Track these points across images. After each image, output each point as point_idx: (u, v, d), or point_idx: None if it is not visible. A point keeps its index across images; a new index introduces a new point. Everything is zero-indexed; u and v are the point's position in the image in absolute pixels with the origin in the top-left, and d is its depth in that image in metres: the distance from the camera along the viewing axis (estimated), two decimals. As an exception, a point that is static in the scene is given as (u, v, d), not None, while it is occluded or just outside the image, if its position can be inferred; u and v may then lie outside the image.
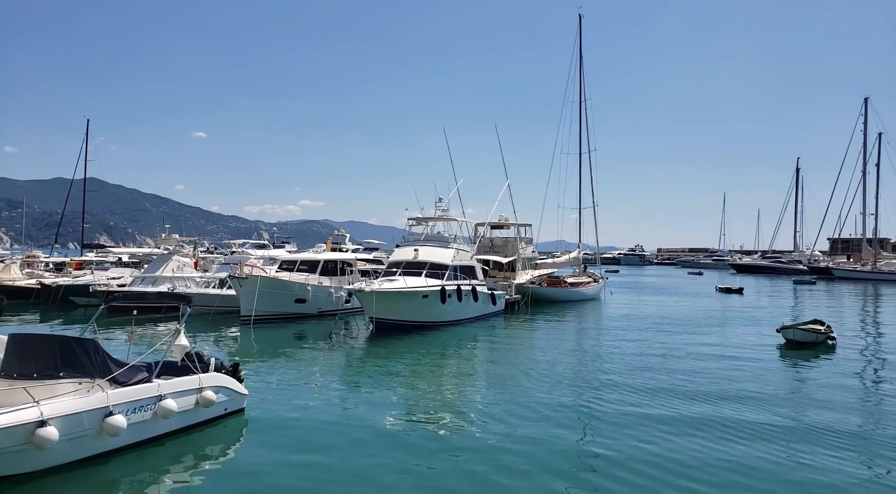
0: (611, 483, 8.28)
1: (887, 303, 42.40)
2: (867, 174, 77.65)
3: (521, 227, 39.46)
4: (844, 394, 13.78)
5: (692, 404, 12.44)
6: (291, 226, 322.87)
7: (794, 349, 19.85)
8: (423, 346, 19.81)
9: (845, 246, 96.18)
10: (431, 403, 12.72)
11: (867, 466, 9.06)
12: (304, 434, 10.28)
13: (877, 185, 78.03)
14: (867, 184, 77.75)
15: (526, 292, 32.77)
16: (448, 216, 30.68)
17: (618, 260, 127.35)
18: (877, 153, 77.51)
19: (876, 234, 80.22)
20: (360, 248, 48.48)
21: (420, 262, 25.23)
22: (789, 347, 20.13)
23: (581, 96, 46.29)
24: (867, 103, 77.60)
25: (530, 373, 15.73)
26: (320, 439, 10.02)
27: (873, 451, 9.74)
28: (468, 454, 9.38)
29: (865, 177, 77.74)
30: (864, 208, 78.48)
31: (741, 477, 8.47)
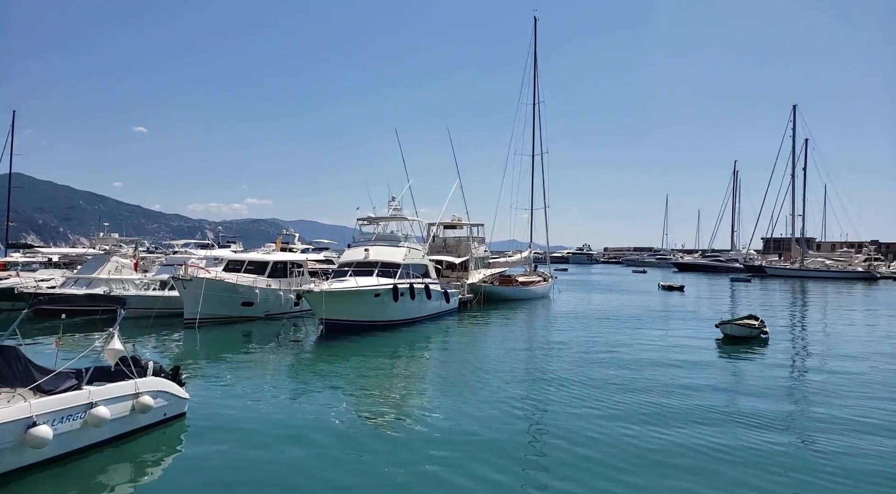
0: (557, 476, 8.42)
1: (813, 299, 44.82)
2: (795, 178, 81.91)
3: (474, 227, 39.72)
4: (775, 385, 14.49)
5: (636, 397, 12.79)
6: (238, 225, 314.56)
7: (731, 343, 20.70)
8: (374, 346, 19.65)
9: (777, 245, 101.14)
10: (382, 402, 12.63)
11: (794, 449, 9.53)
12: (249, 436, 10.04)
13: (804, 188, 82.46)
14: (795, 187, 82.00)
15: (478, 291, 33.00)
16: (400, 216, 30.52)
17: (567, 259, 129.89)
18: (804, 158, 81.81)
19: (803, 234, 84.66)
20: (310, 248, 47.68)
21: (371, 261, 25.00)
22: (727, 341, 20.96)
23: (535, 99, 46.93)
24: (795, 110, 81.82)
25: (481, 371, 15.83)
26: (266, 441, 9.81)
27: (798, 436, 10.28)
28: (418, 451, 9.36)
29: (794, 180, 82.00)
30: (793, 209, 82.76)
31: (684, 461, 8.76)
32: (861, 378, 15.35)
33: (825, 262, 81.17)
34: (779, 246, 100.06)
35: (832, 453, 9.50)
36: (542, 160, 46.82)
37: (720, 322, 22.38)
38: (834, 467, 8.88)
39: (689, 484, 8.18)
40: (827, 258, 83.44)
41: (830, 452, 9.53)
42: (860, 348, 20.58)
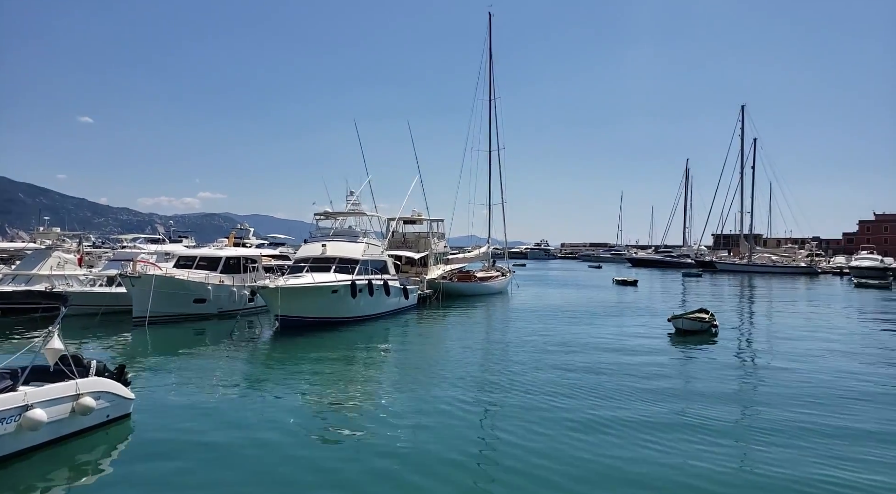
0: (508, 474, 8.40)
1: (759, 293, 46.53)
2: (744, 176, 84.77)
3: (434, 222, 39.63)
4: (724, 376, 14.91)
5: (591, 392, 12.95)
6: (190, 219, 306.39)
7: (683, 336, 21.24)
8: (331, 343, 19.35)
9: (726, 241, 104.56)
10: (337, 400, 12.42)
11: (740, 440, 9.81)
12: (197, 437, 9.71)
13: (752, 186, 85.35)
14: (744, 185, 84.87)
15: (437, 286, 32.94)
16: (359, 211, 30.14)
17: (525, 254, 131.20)
18: (752, 157, 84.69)
19: (751, 230, 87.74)
20: (265, 243, 46.75)
21: (329, 257, 24.61)
22: (679, 334, 21.49)
23: (491, 95, 47.01)
24: (744, 111, 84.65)
25: (438, 368, 15.76)
26: (216, 442, 9.50)
27: (746, 426, 10.60)
28: (373, 449, 9.22)
29: (743, 179, 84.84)
30: (741, 207, 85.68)
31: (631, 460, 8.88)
32: (803, 370, 15.93)
33: (771, 257, 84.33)
34: (728, 242, 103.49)
35: (778, 450, 9.77)
36: (499, 156, 47.05)
37: (672, 316, 22.93)
38: (780, 464, 9.14)
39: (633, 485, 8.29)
40: (773, 254, 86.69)
41: (776, 447, 9.81)
42: (802, 340, 21.39)
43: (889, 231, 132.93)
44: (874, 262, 73.90)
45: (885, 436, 10.12)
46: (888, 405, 12.29)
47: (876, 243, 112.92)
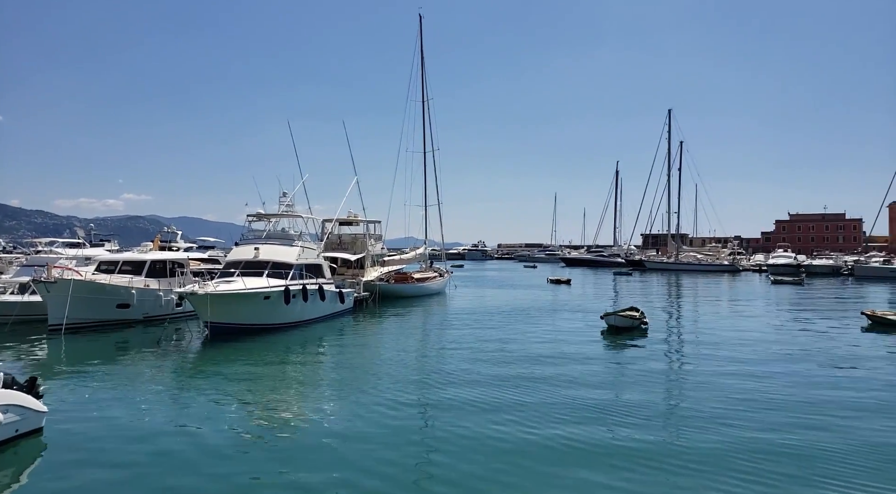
0: (446, 476, 8.41)
1: (686, 290, 48.71)
2: (671, 178, 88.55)
3: (370, 223, 39.25)
4: (654, 371, 15.50)
5: (526, 391, 13.15)
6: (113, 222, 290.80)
7: (615, 333, 21.92)
8: (264, 350, 18.81)
9: (655, 241, 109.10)
10: (269, 410, 12.07)
11: (666, 430, 10.21)
12: (114, 453, 9.21)
13: (679, 187, 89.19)
14: (671, 186, 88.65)
15: (374, 289, 32.64)
16: (293, 213, 29.47)
17: (463, 256, 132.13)
18: (679, 159, 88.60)
19: (678, 230, 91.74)
20: (193, 246, 44.97)
21: (261, 261, 23.93)
22: (611, 332, 22.17)
23: (424, 96, 47.07)
24: (671, 114, 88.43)
25: (374, 372, 15.61)
26: (134, 457, 9.03)
27: (673, 418, 11.04)
28: (305, 460, 9.00)
29: (670, 180, 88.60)
30: (668, 207, 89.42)
31: (566, 454, 9.08)
32: (728, 363, 16.76)
33: (696, 256, 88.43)
34: (656, 242, 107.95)
35: (703, 439, 10.22)
36: (434, 157, 47.20)
37: (605, 314, 23.64)
38: (703, 453, 9.55)
39: (569, 477, 8.47)
40: (698, 253, 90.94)
41: (701, 439, 10.26)
42: (726, 335, 22.52)
43: (802, 230, 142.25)
44: (789, 259, 78.91)
45: (800, 423, 10.76)
46: (801, 393, 13.09)
47: (791, 242, 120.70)
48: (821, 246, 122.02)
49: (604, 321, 23.13)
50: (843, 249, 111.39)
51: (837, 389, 13.59)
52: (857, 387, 13.77)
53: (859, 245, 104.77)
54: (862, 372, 15.53)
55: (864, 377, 14.90)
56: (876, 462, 8.81)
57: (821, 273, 73.09)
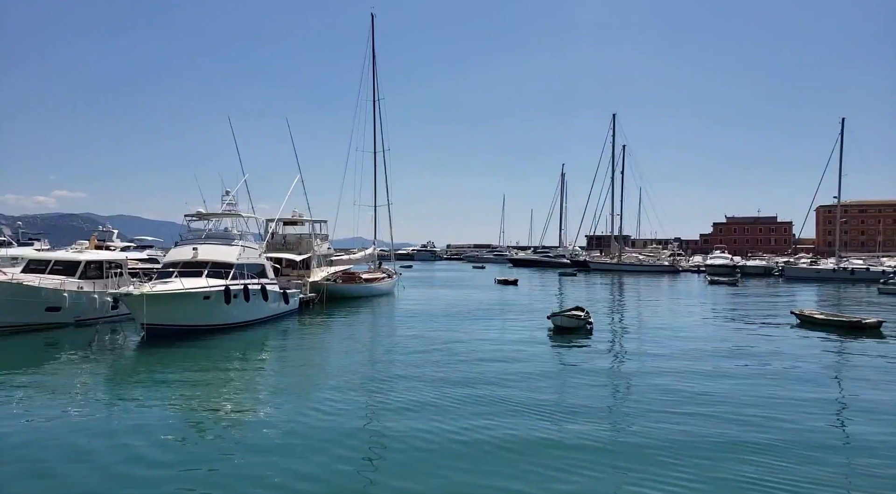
0: (391, 476, 8.31)
1: (629, 290, 50.12)
2: (615, 181, 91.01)
3: (316, 223, 38.63)
4: (598, 369, 15.81)
5: (473, 392, 13.15)
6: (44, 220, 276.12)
7: (561, 333, 22.27)
8: (204, 352, 18.17)
9: (599, 242, 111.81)
10: (210, 415, 11.63)
11: (612, 426, 10.42)
12: (42, 462, 8.65)
13: (621, 189, 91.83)
14: (615, 189, 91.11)
15: (321, 289, 32.13)
16: (235, 212, 28.67)
17: (412, 256, 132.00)
18: (622, 163, 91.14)
19: (621, 231, 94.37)
20: (131, 246, 43.14)
21: (201, 261, 23.16)
22: (557, 332, 22.51)
23: (374, 95, 46.76)
24: (615, 119, 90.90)
25: (319, 374, 15.34)
26: (64, 466, 8.52)
27: (616, 414, 11.27)
28: (249, 467, 8.71)
29: (613, 183, 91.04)
30: (612, 209, 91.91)
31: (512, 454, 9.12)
32: (668, 361, 17.27)
33: (638, 257, 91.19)
34: (600, 243, 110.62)
35: (646, 434, 10.47)
36: (384, 157, 46.95)
37: (551, 314, 24.00)
38: (647, 446, 9.78)
39: (514, 476, 8.51)
40: (640, 254, 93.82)
41: (645, 434, 10.51)
42: (667, 334, 23.24)
43: (738, 232, 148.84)
44: (725, 260, 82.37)
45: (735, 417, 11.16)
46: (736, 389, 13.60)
47: (727, 244, 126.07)
48: (755, 248, 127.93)
49: (550, 321, 23.47)
50: (774, 250, 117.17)
51: (770, 385, 14.18)
52: (787, 382, 14.43)
53: (789, 247, 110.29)
54: (791, 368, 16.28)
55: (792, 373, 15.62)
56: (802, 448, 9.23)
57: (754, 274, 76.60)
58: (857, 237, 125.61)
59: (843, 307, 34.46)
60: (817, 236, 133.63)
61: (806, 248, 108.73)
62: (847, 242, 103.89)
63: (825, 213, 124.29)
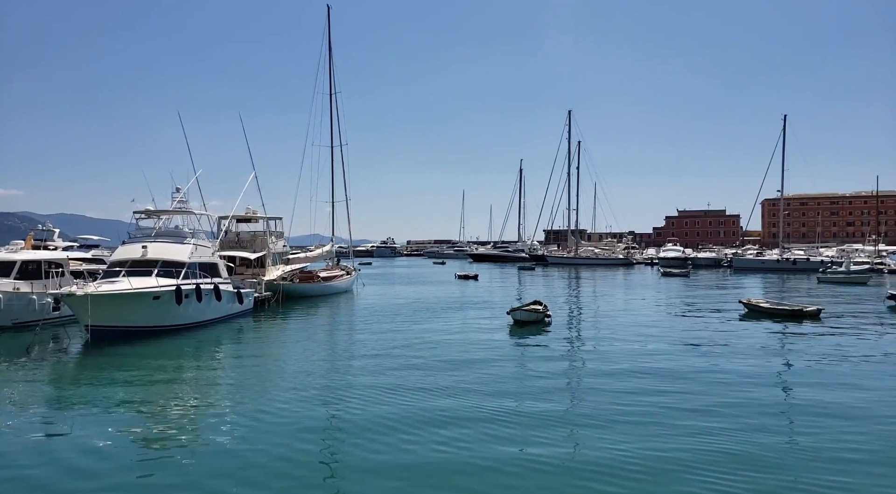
0: (351, 481, 8.14)
1: (585, 283, 50.97)
2: (571, 176, 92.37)
3: (271, 220, 37.78)
4: (558, 363, 15.98)
5: (435, 386, 13.09)
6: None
7: (521, 327, 22.41)
8: (155, 354, 17.51)
9: (556, 236, 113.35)
10: (161, 421, 11.17)
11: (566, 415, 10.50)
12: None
13: (577, 185, 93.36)
14: (571, 184, 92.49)
15: (277, 288, 31.46)
16: (186, 209, 27.76)
17: (371, 253, 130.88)
18: (577, 158, 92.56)
19: (577, 226, 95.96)
20: (74, 245, 41.33)
21: (150, 260, 22.33)
22: (517, 326, 22.64)
23: (331, 89, 46.04)
24: (571, 116, 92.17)
25: (278, 373, 14.97)
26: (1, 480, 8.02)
27: (574, 402, 11.38)
28: (203, 474, 8.40)
29: (570, 178, 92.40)
30: (568, 204, 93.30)
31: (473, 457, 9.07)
32: (625, 353, 17.58)
33: (594, 250, 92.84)
34: (557, 237, 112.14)
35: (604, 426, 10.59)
36: (342, 152, 46.31)
37: (510, 309, 24.14)
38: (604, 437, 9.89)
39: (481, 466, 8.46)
40: (596, 247, 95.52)
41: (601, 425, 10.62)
42: (622, 325, 23.71)
43: (689, 225, 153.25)
44: (677, 253, 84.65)
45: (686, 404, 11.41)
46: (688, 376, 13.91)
47: (679, 236, 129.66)
48: (705, 240, 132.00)
49: (510, 315, 23.59)
50: (723, 242, 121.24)
51: (719, 370, 14.59)
52: (735, 366, 14.89)
53: (737, 239, 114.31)
54: (738, 354, 16.80)
55: (739, 358, 16.12)
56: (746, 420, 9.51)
57: (705, 265, 79.04)
58: (799, 229, 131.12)
59: (787, 296, 35.85)
60: (763, 229, 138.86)
61: (753, 240, 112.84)
62: (790, 233, 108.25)
63: (770, 206, 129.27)
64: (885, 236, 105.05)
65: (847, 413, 11.05)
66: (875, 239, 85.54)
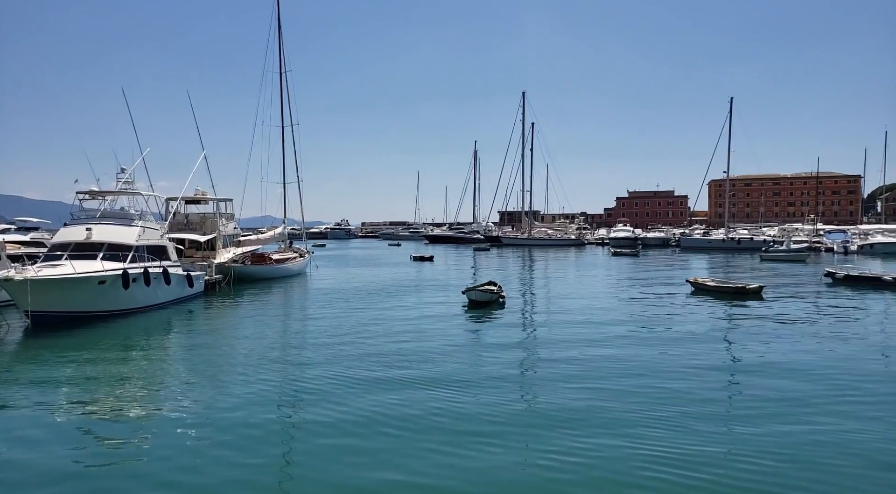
0: (307, 465, 8.18)
1: (538, 263, 51.84)
2: (525, 158, 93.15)
3: (222, 202, 36.84)
4: (512, 340, 16.32)
5: (390, 366, 13.15)
6: None
7: (476, 308, 22.67)
8: (100, 340, 16.98)
9: (510, 218, 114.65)
10: (108, 411, 10.88)
11: (521, 393, 10.78)
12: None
13: (531, 166, 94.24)
14: (525, 166, 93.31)
15: (228, 271, 30.83)
16: (132, 190, 26.81)
17: (325, 235, 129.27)
18: (531, 140, 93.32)
19: (531, 207, 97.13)
20: (11, 228, 39.42)
21: (95, 243, 21.54)
22: (472, 306, 22.90)
23: (282, 67, 44.88)
24: (525, 97, 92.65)
25: (228, 360, 14.74)
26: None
27: (527, 382, 11.68)
28: (155, 466, 8.27)
29: (524, 160, 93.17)
30: (522, 186, 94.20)
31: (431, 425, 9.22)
32: (576, 330, 18.04)
33: (548, 231, 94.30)
34: (512, 218, 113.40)
35: (557, 402, 10.89)
36: (293, 132, 45.40)
37: (466, 289, 24.38)
38: (558, 413, 10.19)
39: (435, 445, 8.61)
40: (549, 228, 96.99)
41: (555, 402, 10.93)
42: (574, 304, 24.28)
43: (639, 206, 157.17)
44: (627, 233, 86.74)
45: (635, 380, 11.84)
46: (637, 352, 14.43)
47: (629, 217, 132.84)
48: (654, 220, 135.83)
49: (465, 295, 23.83)
50: (672, 223, 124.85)
51: (666, 344, 15.17)
52: (681, 342, 15.53)
53: (685, 219, 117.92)
54: (684, 330, 17.49)
55: (686, 333, 16.80)
56: (688, 393, 9.97)
57: (654, 245, 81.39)
58: (744, 209, 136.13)
59: (731, 274, 37.35)
60: (709, 209, 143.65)
61: (700, 220, 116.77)
62: (735, 213, 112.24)
63: (716, 187, 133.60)
64: (823, 215, 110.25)
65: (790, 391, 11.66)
66: (814, 219, 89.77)
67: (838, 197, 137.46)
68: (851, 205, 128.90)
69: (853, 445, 8.46)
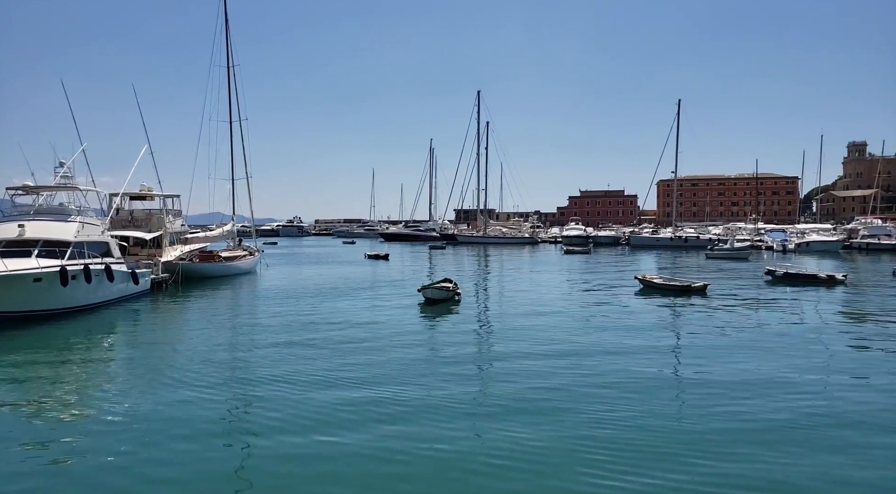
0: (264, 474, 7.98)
1: (493, 261, 52.25)
2: (480, 156, 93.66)
3: (168, 198, 35.63)
4: (467, 336, 16.41)
5: (344, 366, 13.02)
6: None
7: (432, 305, 22.64)
8: (38, 341, 16.15)
9: (466, 216, 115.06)
10: (47, 415, 10.36)
11: (473, 384, 10.82)
12: None
13: (486, 165, 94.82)
14: (480, 164, 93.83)
15: (175, 269, 29.86)
16: (71, 185, 25.64)
17: (277, 232, 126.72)
18: (486, 138, 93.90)
19: (486, 205, 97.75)
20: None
21: (29, 240, 20.50)
22: (427, 304, 22.86)
23: (229, 62, 43.69)
24: (480, 96, 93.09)
25: (173, 361, 14.24)
26: None
27: (484, 375, 11.74)
28: (97, 473, 7.91)
29: (479, 159, 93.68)
30: (478, 184, 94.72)
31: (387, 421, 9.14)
32: (528, 323, 18.24)
33: (502, 230, 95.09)
34: (467, 216, 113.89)
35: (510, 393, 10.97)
36: (241, 127, 44.33)
37: (421, 287, 24.31)
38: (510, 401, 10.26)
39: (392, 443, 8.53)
40: (503, 227, 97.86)
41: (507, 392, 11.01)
42: (527, 300, 24.57)
43: (591, 205, 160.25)
44: (579, 232, 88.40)
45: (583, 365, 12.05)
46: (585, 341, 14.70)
47: (581, 216, 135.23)
48: (605, 219, 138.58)
49: (421, 293, 23.77)
50: (622, 221, 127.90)
51: (616, 339, 15.52)
52: (630, 336, 15.92)
53: (635, 218, 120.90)
54: (633, 325, 17.94)
55: (634, 328, 17.24)
56: (635, 386, 10.23)
57: (605, 243, 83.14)
58: (691, 209, 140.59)
59: (678, 272, 38.52)
60: (658, 208, 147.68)
61: (649, 219, 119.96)
62: (682, 212, 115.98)
63: (665, 186, 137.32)
64: (764, 215, 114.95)
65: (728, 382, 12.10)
66: (755, 218, 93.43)
67: (778, 197, 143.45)
68: (790, 205, 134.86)
69: (775, 427, 8.87)
